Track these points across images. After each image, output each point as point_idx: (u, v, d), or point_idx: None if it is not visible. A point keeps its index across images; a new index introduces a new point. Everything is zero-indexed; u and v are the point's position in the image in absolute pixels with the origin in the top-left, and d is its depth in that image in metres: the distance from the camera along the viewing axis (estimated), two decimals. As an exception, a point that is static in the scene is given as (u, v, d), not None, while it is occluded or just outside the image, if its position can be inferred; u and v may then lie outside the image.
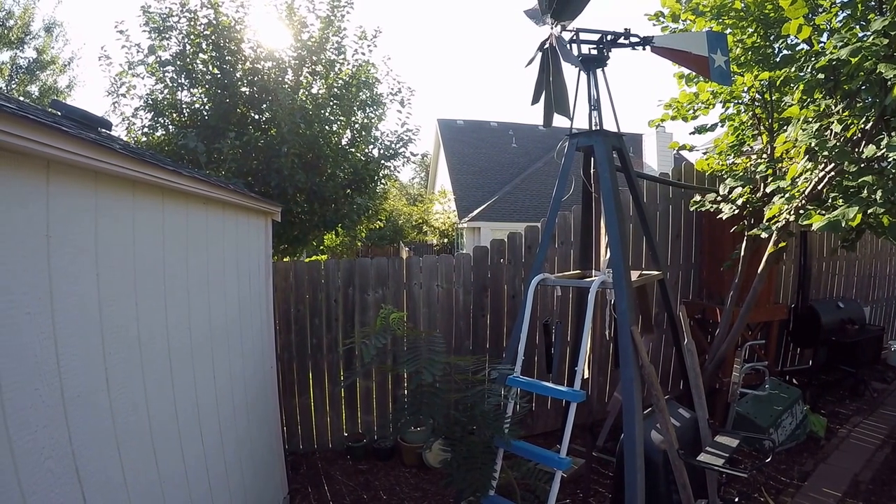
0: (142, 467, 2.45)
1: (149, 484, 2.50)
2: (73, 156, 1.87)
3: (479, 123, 28.13)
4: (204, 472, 3.17)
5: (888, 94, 3.49)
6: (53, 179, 1.89)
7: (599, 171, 3.78)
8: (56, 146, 1.77)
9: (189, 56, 7.24)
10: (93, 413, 2.11)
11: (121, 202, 2.36)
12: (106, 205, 2.23)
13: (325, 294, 5.58)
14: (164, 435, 2.69)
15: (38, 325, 1.82)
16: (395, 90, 8.60)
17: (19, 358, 1.72)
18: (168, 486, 2.68)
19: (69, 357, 1.96)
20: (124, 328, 2.38)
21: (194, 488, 3.00)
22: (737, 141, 5.56)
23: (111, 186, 2.27)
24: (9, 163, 1.68)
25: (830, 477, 4.94)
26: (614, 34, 4.06)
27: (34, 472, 1.74)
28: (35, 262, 1.82)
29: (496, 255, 5.79)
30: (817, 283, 7.99)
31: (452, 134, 26.66)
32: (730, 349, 5.29)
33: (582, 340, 3.40)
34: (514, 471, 3.73)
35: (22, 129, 1.60)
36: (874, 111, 3.78)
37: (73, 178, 2.01)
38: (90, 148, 1.97)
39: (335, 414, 5.76)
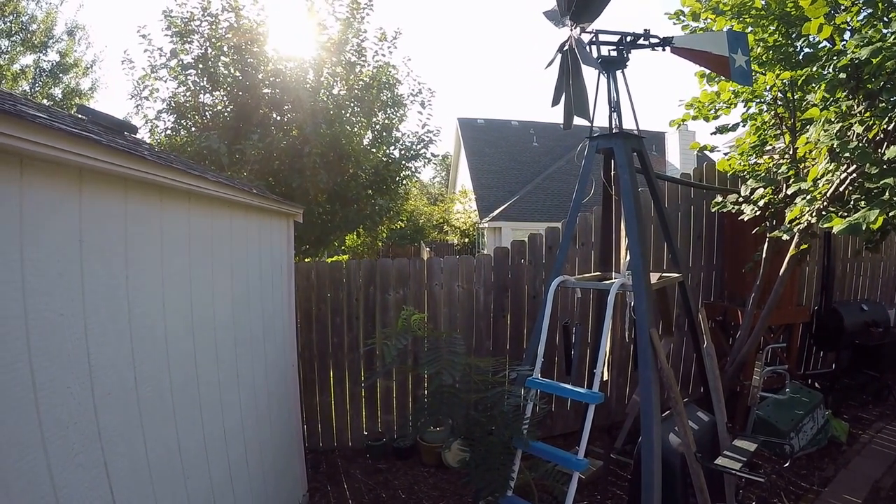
0: (166, 460, 2.52)
1: (173, 476, 2.57)
2: (104, 164, 1.94)
3: (500, 122, 28.03)
4: (227, 472, 3.24)
5: None
6: (86, 187, 1.96)
7: (619, 174, 3.78)
8: (88, 155, 1.84)
9: (211, 59, 7.34)
10: (122, 410, 2.18)
11: (149, 207, 2.43)
12: (135, 210, 2.30)
13: (346, 294, 5.64)
14: (189, 437, 2.76)
15: (71, 326, 1.88)
16: (416, 91, 8.65)
17: (53, 357, 1.78)
18: (192, 482, 2.75)
19: (99, 356, 2.03)
20: (151, 329, 2.45)
21: (217, 488, 3.06)
22: (758, 141, 5.51)
23: (140, 192, 2.34)
24: (43, 172, 1.74)
25: (851, 483, 4.88)
26: (634, 35, 4.05)
27: (65, 467, 1.80)
28: (68, 266, 1.89)
29: (517, 256, 5.80)
30: (841, 285, 7.87)
31: (473, 133, 26.61)
32: (751, 352, 5.25)
33: (601, 342, 3.41)
34: (532, 472, 3.74)
35: (55, 140, 1.67)
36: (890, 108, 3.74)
37: (104, 186, 2.08)
38: (121, 156, 2.03)
39: (355, 413, 5.83)
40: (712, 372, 4.17)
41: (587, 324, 5.85)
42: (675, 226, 6.34)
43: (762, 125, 5.51)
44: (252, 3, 7.78)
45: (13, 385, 1.61)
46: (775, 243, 5.09)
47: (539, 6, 4.20)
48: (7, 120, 1.47)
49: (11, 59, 16.04)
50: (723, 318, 6.21)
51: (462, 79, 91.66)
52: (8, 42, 15.89)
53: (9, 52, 15.95)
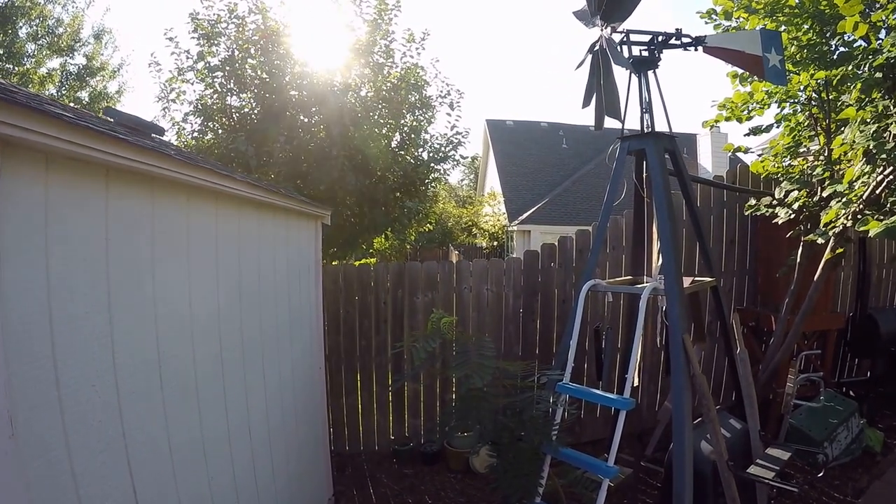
0: (191, 459, 2.54)
1: (197, 481, 2.60)
2: (129, 162, 1.96)
3: (529, 124, 27.97)
4: (251, 470, 3.27)
5: None
6: (112, 185, 1.99)
7: (652, 175, 3.76)
8: (113, 153, 1.86)
9: (238, 61, 7.41)
10: (146, 409, 2.20)
11: (176, 206, 2.47)
12: (162, 209, 2.33)
13: (374, 297, 5.68)
14: (214, 436, 2.79)
15: (96, 325, 1.91)
16: (444, 93, 8.64)
17: (77, 355, 1.81)
18: (216, 488, 2.77)
19: (124, 355, 2.05)
20: (178, 328, 2.48)
21: (241, 487, 3.10)
22: (793, 142, 5.42)
23: (167, 191, 2.37)
24: (69, 169, 1.77)
25: (885, 494, 4.79)
26: (666, 35, 4.02)
27: (88, 464, 1.82)
28: (94, 265, 1.91)
29: (547, 260, 5.79)
30: (877, 292, 7.70)
31: (502, 135, 26.59)
32: (784, 359, 5.16)
33: (633, 348, 3.39)
34: (560, 478, 3.73)
35: (81, 137, 1.69)
36: None
37: (130, 184, 2.11)
38: (146, 154, 2.05)
39: (382, 416, 5.85)
40: (745, 378, 4.12)
41: (618, 329, 5.82)
42: (708, 229, 6.26)
43: (796, 126, 5.43)
44: (279, 4, 7.85)
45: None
46: (810, 248, 5.01)
47: (569, 6, 4.19)
48: (29, 115, 1.47)
49: (38, 63, 16.28)
50: (756, 324, 6.12)
51: (491, 80, 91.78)
52: (34, 46, 16.13)
53: (35, 56, 16.20)
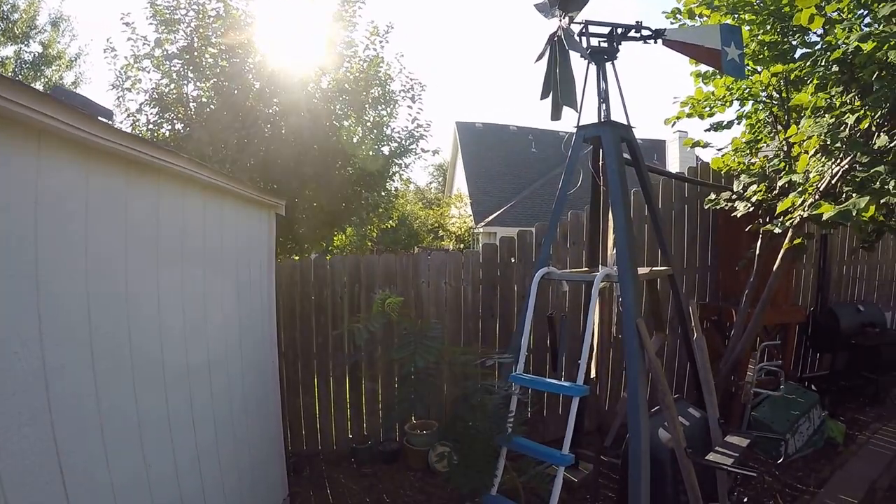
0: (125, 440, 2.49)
1: (133, 466, 2.55)
2: (64, 126, 1.95)
3: (499, 127, 28.22)
4: (195, 462, 3.22)
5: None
6: (44, 152, 1.98)
7: (607, 162, 3.84)
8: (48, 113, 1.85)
9: (197, 49, 7.34)
10: (75, 388, 2.15)
11: (113, 179, 2.44)
12: (98, 180, 2.30)
13: (330, 291, 5.66)
14: (152, 419, 2.73)
15: (21, 287, 1.88)
16: (408, 87, 8.67)
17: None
18: (155, 475, 2.71)
19: (52, 325, 2.01)
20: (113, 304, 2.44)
21: (183, 477, 3.04)
22: (753, 139, 5.58)
23: (103, 162, 2.33)
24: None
25: (847, 484, 4.92)
26: (625, 27, 4.13)
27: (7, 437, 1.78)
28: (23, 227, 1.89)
29: (506, 254, 5.83)
30: (837, 287, 7.96)
31: (471, 137, 26.81)
32: (745, 350, 5.29)
33: (584, 334, 3.43)
34: (520, 474, 3.75)
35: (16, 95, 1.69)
36: (888, 102, 3.79)
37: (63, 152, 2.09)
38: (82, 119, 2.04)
39: (340, 415, 5.82)
40: (703, 366, 4.21)
41: (579, 322, 5.88)
42: (669, 225, 6.40)
43: (756, 123, 5.59)
44: (240, -9, 7.76)
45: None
46: (769, 240, 5.15)
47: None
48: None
49: (-9, 50, 15.94)
50: (718, 318, 6.26)
51: (463, 83, 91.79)
52: (-13, 32, 15.80)
53: (-12, 43, 15.86)
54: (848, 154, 4.17)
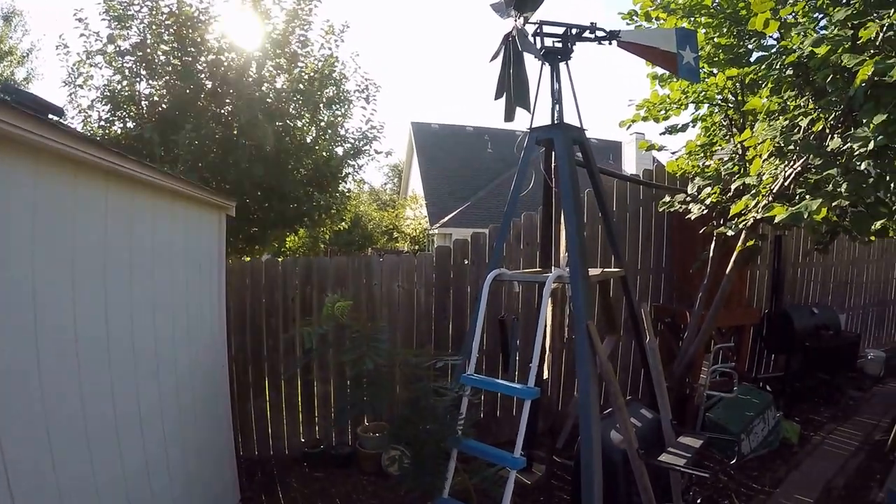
0: (72, 439, 2.46)
1: (81, 470, 2.49)
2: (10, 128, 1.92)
3: (455, 128, 28.29)
4: (143, 465, 3.15)
5: (851, 84, 3.58)
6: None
7: (559, 164, 3.86)
8: None
9: (150, 46, 7.22)
10: (22, 389, 2.12)
11: (62, 181, 2.40)
12: (45, 182, 2.27)
13: (282, 294, 5.58)
14: (99, 424, 2.68)
15: None
16: (363, 87, 8.67)
17: None
18: (101, 477, 2.66)
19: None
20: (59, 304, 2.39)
21: (131, 481, 2.98)
22: (708, 142, 5.67)
23: (51, 164, 2.30)
24: None
25: (803, 483, 5.03)
26: (579, 27, 4.15)
27: None
28: None
29: (459, 256, 5.83)
30: (792, 290, 8.14)
31: (426, 138, 26.79)
32: (698, 352, 5.37)
33: (536, 336, 3.43)
34: (472, 476, 3.73)
35: None
36: (840, 105, 3.88)
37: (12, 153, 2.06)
38: (30, 121, 2.01)
39: (292, 419, 5.75)
40: (655, 368, 4.25)
41: (532, 323, 5.89)
42: (624, 227, 6.48)
43: (712, 126, 5.68)
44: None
45: None
46: (723, 243, 5.23)
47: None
48: None
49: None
50: (672, 320, 6.35)
51: (419, 84, 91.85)
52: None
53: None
54: (801, 156, 4.26)
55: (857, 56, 3.43)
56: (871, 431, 6.25)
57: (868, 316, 9.78)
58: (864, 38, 3.43)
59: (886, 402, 7.24)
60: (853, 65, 3.40)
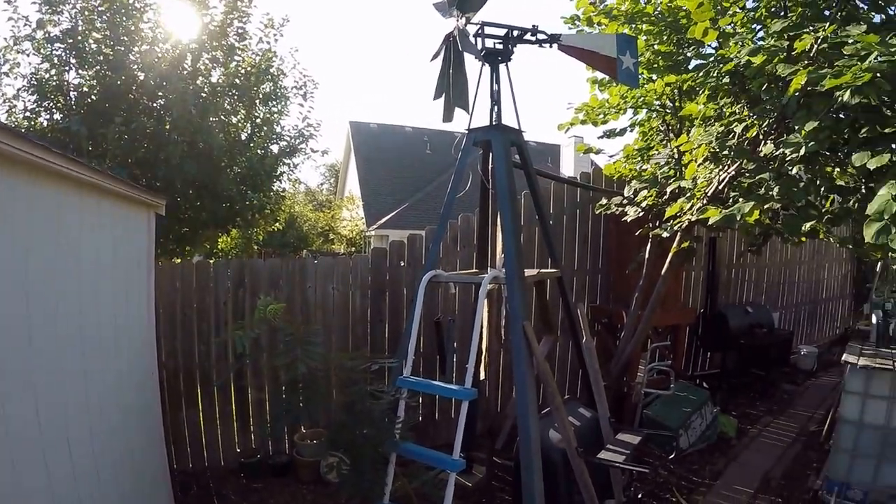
0: None
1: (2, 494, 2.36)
2: None
3: (394, 128, 28.12)
4: (74, 494, 3.01)
5: (785, 92, 3.74)
6: None
7: (496, 166, 3.90)
8: None
9: (81, 34, 6.97)
10: None
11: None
12: None
13: (213, 297, 5.43)
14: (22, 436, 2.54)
15: None
16: (300, 84, 8.58)
17: None
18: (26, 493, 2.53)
19: None
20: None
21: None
22: (645, 146, 5.81)
23: None
24: None
25: (742, 475, 5.24)
26: (521, 30, 4.17)
27: None
28: None
29: (395, 258, 5.80)
30: (727, 290, 8.46)
31: (365, 137, 26.53)
32: (635, 351, 5.51)
33: (472, 337, 3.45)
34: (412, 481, 3.72)
35: None
36: (774, 112, 4.04)
37: None
38: None
39: (226, 428, 5.59)
40: (592, 367, 4.33)
41: (469, 325, 5.92)
42: (561, 229, 6.58)
43: (649, 131, 5.83)
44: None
45: None
46: (658, 244, 5.38)
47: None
48: None
49: None
50: (609, 320, 6.50)
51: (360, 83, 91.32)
52: None
53: None
54: (735, 161, 4.42)
55: (791, 66, 3.58)
56: (806, 423, 6.55)
57: (801, 314, 10.25)
58: (800, 49, 3.59)
59: (820, 394, 7.60)
60: (787, 74, 3.55)
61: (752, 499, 4.81)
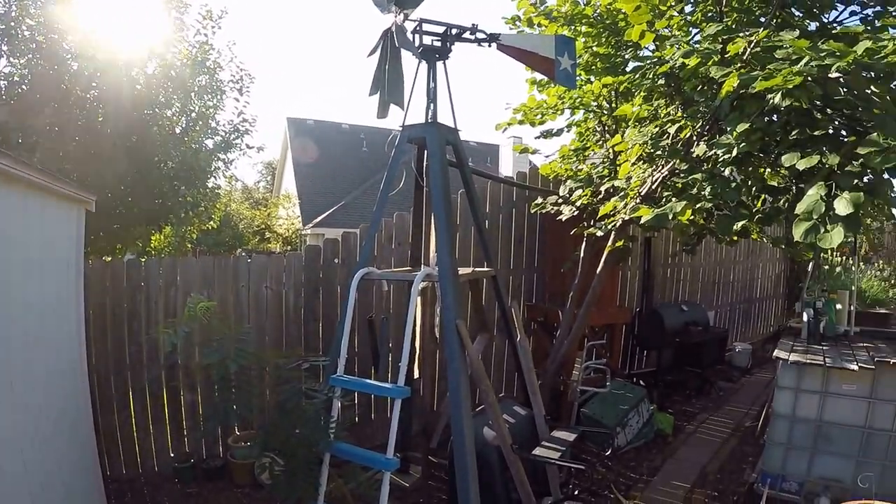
0: None
1: None
2: None
3: (331, 125, 28.08)
4: None
5: (718, 94, 3.85)
6: None
7: (431, 163, 3.93)
8: None
9: (14, 20, 6.71)
10: None
11: None
12: None
13: (145, 297, 5.29)
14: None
15: None
16: (237, 78, 8.47)
17: None
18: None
19: None
20: None
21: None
22: (581, 146, 5.93)
23: None
24: None
25: (679, 470, 5.41)
26: (460, 28, 4.20)
27: None
28: None
29: (329, 256, 5.77)
30: (663, 289, 8.72)
31: (301, 134, 26.40)
32: (571, 350, 5.61)
33: (405, 334, 3.46)
34: (348, 482, 3.70)
35: None
36: (708, 114, 4.18)
37: None
38: None
39: (160, 432, 5.46)
40: (526, 365, 4.40)
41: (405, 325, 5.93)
42: (497, 228, 6.66)
43: (586, 132, 5.95)
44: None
45: None
46: (593, 243, 5.49)
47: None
48: None
49: None
50: (545, 319, 6.61)
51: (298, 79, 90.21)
52: None
53: None
54: (669, 161, 4.54)
55: (724, 68, 3.69)
56: (742, 418, 6.80)
57: (736, 313, 10.65)
58: (733, 52, 3.72)
59: (754, 391, 7.93)
60: (720, 76, 3.65)
61: (690, 493, 4.96)
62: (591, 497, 4.85)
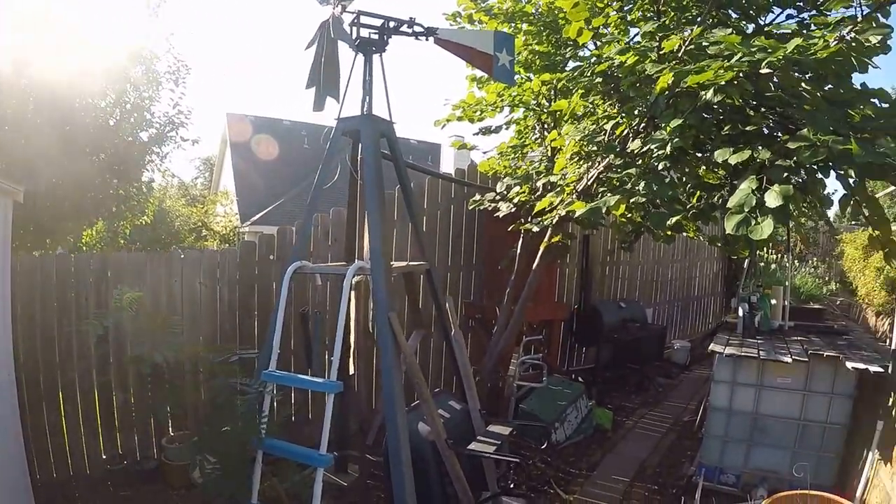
0: None
1: None
2: None
3: (271, 121, 27.43)
4: None
5: (653, 92, 3.96)
6: None
7: (364, 156, 3.95)
8: None
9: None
10: None
11: None
12: None
13: (74, 293, 5.13)
14: None
15: None
16: (174, 69, 8.26)
17: None
18: None
19: None
20: None
21: None
22: (520, 143, 6.01)
23: None
24: None
25: (619, 464, 5.54)
26: (398, 21, 4.20)
27: None
28: None
29: (265, 251, 5.73)
30: (602, 287, 8.91)
31: (241, 130, 25.77)
32: (508, 346, 5.69)
33: (337, 329, 3.46)
34: (283, 480, 3.68)
35: None
36: (644, 111, 4.30)
37: None
38: None
39: (91, 434, 5.29)
40: (461, 359, 4.45)
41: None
42: (435, 224, 6.69)
43: (525, 129, 6.03)
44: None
45: None
46: (530, 240, 5.57)
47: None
48: None
49: None
50: (482, 315, 6.69)
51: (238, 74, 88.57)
52: None
53: None
54: (604, 157, 4.63)
55: (659, 65, 3.79)
56: (681, 413, 7.00)
57: (674, 310, 10.96)
58: (667, 48, 3.84)
59: (693, 386, 8.16)
60: (655, 72, 3.74)
61: (629, 486, 5.08)
62: (531, 493, 4.90)
